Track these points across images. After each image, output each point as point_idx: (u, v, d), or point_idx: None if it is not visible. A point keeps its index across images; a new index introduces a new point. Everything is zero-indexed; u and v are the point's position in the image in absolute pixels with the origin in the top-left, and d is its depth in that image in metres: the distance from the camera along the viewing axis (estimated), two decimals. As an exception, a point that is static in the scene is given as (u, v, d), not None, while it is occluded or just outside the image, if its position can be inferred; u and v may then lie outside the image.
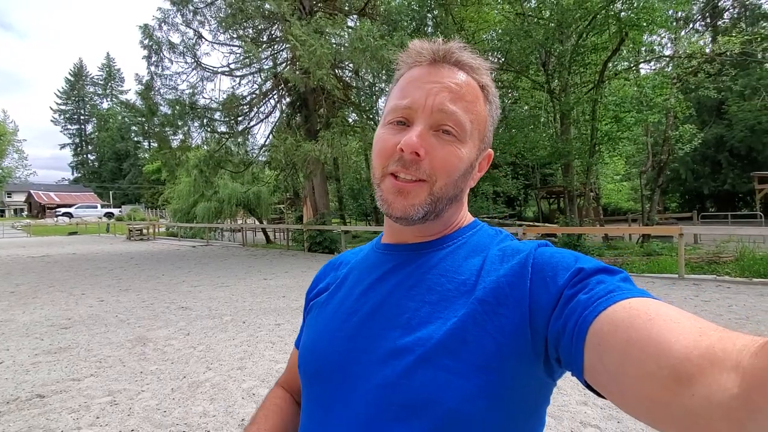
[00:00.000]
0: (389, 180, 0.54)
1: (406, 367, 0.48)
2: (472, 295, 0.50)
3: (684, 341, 0.33)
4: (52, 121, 68.85)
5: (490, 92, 0.58)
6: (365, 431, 0.49)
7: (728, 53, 13.23)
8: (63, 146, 70.43)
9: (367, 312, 0.56)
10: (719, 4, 22.36)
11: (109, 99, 69.92)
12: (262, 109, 15.94)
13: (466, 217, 0.63)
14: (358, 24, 13.44)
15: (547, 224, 17.06)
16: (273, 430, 0.65)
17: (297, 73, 12.07)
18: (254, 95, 15.56)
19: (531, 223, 17.07)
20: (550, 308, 0.45)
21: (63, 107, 69.31)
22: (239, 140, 15.83)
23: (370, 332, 0.54)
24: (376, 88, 15.32)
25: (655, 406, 0.34)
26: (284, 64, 14.97)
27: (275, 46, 15.34)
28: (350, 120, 15.26)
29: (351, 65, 13.49)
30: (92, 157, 70.93)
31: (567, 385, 3.17)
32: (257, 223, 23.07)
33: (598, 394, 0.41)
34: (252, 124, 15.90)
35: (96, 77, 70.89)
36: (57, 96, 69.01)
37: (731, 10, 23.71)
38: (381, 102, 15.42)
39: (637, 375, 0.35)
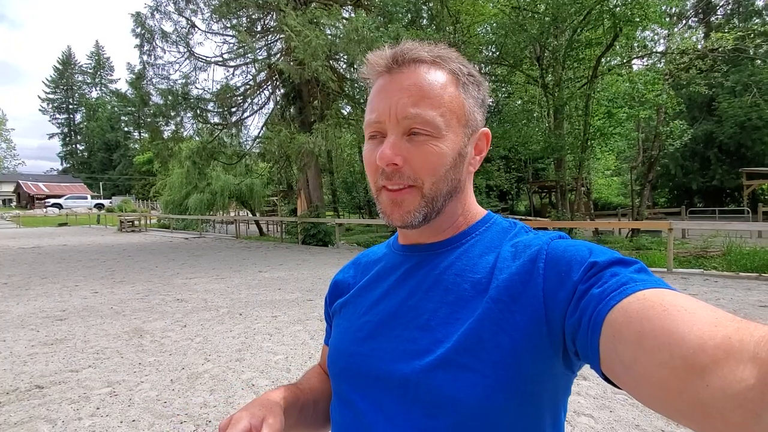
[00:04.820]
0: (384, 193, 0.56)
1: (426, 366, 0.51)
2: (486, 294, 0.52)
3: (698, 332, 0.33)
4: (40, 110, 67.66)
5: (462, 74, 0.56)
6: (393, 427, 0.53)
7: (721, 49, 13.34)
8: (51, 136, 69.20)
9: (388, 314, 0.59)
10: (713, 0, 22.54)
11: (98, 88, 68.70)
12: (255, 101, 15.83)
13: (477, 210, 0.63)
14: (353, 15, 13.33)
15: (538, 218, 17.21)
16: (312, 390, 0.71)
17: (291, 64, 11.98)
18: (248, 86, 15.42)
19: (523, 218, 17.20)
20: (566, 303, 0.46)
21: (51, 96, 67.93)
22: (232, 131, 15.72)
23: (392, 333, 0.57)
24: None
25: (667, 396, 0.34)
26: (279, 55, 14.84)
27: (269, 37, 15.18)
28: (345, 112, 15.20)
29: (346, 57, 13.40)
30: (81, 147, 69.74)
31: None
32: (250, 215, 22.98)
33: (615, 386, 0.42)
34: (245, 115, 15.79)
35: (85, 66, 69.53)
36: (45, 85, 67.73)
37: (725, 6, 23.88)
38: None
39: (650, 365, 0.35)
